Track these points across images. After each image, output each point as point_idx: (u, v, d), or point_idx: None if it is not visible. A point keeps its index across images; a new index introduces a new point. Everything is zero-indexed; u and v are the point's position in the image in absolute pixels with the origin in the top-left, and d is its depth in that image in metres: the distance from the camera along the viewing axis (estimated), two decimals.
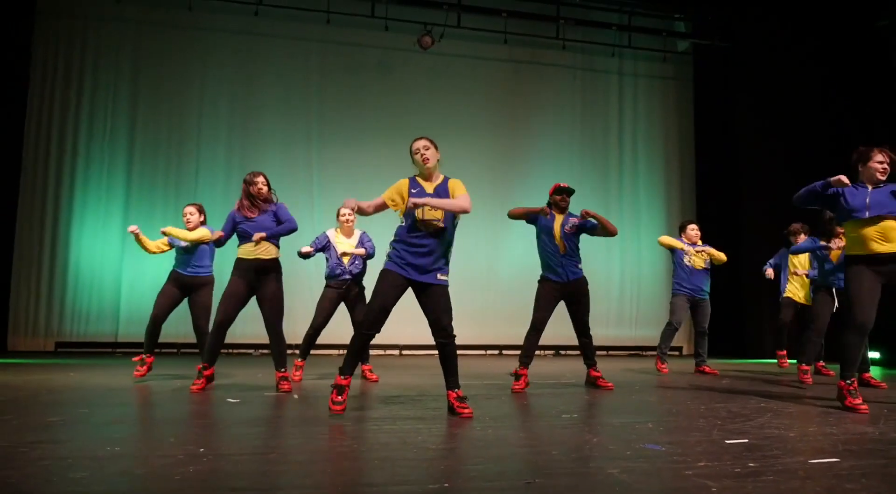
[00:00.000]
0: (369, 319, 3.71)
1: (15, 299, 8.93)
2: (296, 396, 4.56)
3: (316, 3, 9.50)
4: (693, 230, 6.72)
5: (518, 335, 9.99)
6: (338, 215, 5.77)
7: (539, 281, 5.33)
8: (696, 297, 6.56)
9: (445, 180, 3.89)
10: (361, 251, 5.65)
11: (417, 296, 3.80)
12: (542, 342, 10.07)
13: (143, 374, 5.36)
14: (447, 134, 10.38)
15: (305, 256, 5.56)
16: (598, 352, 8.48)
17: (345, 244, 5.64)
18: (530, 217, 5.31)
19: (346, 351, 3.82)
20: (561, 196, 5.34)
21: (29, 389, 4.68)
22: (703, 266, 6.59)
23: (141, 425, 3.50)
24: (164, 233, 5.28)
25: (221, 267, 5.91)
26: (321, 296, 5.64)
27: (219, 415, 3.79)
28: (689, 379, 6.12)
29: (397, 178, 3.98)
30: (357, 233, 5.78)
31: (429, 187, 3.84)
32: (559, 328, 10.28)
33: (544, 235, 5.25)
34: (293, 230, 4.91)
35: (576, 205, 5.53)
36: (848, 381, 4.14)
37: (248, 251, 4.82)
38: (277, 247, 4.94)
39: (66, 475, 2.25)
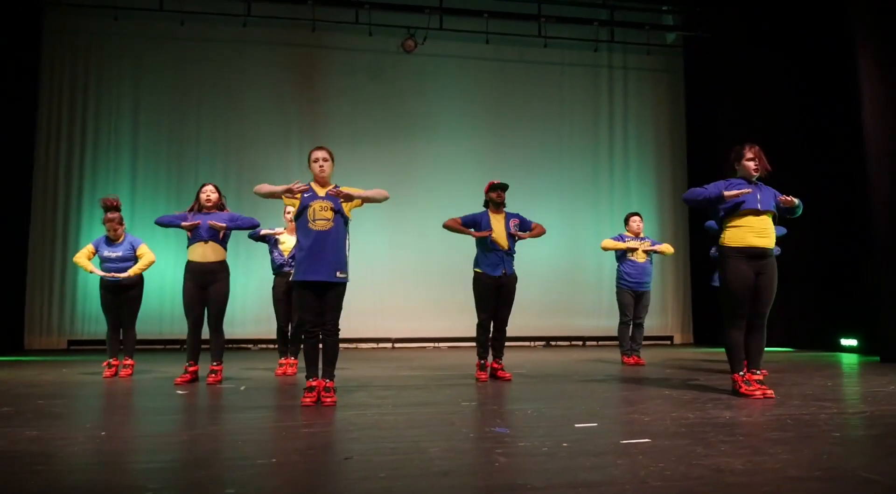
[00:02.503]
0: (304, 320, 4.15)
1: (30, 300, 9.59)
2: (242, 387, 4.97)
3: (301, 13, 9.90)
4: (636, 222, 6.90)
5: (510, 327, 10.50)
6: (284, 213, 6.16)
7: (475, 280, 5.52)
8: (640, 290, 6.75)
9: (336, 187, 4.23)
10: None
11: (318, 294, 4.13)
12: (533, 332, 10.67)
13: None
14: (437, 134, 10.77)
15: (260, 237, 6.00)
16: (588, 342, 8.57)
17: (289, 240, 6.02)
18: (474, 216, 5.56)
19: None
20: (497, 192, 5.54)
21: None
22: (645, 257, 6.78)
23: (56, 416, 3.95)
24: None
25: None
26: (274, 291, 6.06)
27: (161, 404, 4.23)
28: (647, 370, 6.33)
29: (387, 180, 4.40)
30: None
31: (321, 191, 4.20)
32: (550, 319, 10.72)
33: (488, 237, 5.45)
34: (255, 225, 5.49)
35: (578, 202, 5.82)
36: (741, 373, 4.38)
37: (198, 253, 5.27)
38: (225, 249, 5.37)
39: None
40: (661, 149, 11.44)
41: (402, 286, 10.32)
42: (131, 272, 5.81)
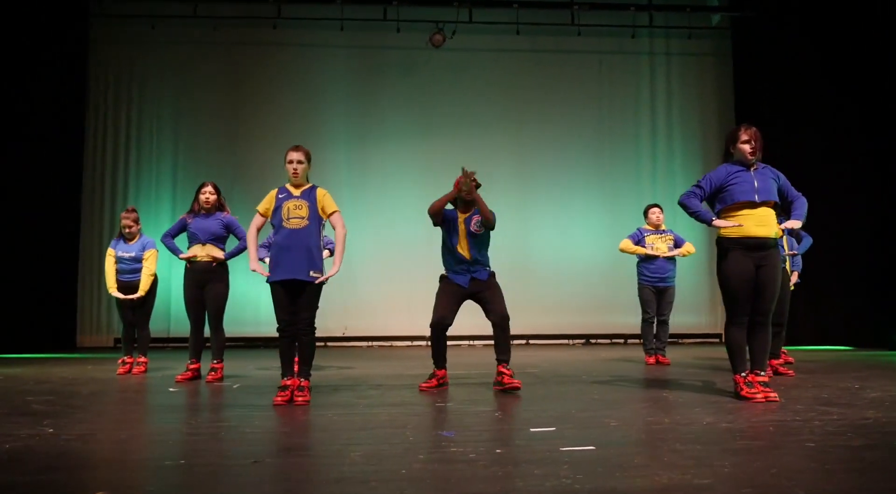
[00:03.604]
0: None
1: (81, 301, 10.03)
2: (235, 386, 4.98)
3: (330, 13, 9.93)
4: (655, 214, 6.53)
5: (546, 324, 10.26)
6: None
7: (440, 280, 4.84)
8: (662, 285, 6.37)
9: (313, 187, 4.18)
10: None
11: (292, 293, 4.07)
12: (572, 330, 10.35)
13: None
14: (470, 129, 10.60)
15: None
16: (629, 340, 7.96)
17: None
18: (444, 212, 4.75)
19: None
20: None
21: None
22: (667, 252, 6.39)
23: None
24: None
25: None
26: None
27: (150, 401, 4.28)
28: (666, 370, 6.00)
29: (427, 178, 4.30)
30: None
31: (296, 191, 4.14)
32: (590, 316, 10.36)
33: (448, 236, 4.77)
34: (241, 236, 5.33)
35: (620, 196, 5.58)
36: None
37: (195, 253, 5.35)
38: (223, 250, 5.42)
39: None
40: (709, 139, 10.85)
41: (434, 283, 10.19)
42: (141, 292, 5.94)
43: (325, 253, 5.92)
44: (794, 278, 5.84)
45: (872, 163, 8.72)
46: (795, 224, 4.09)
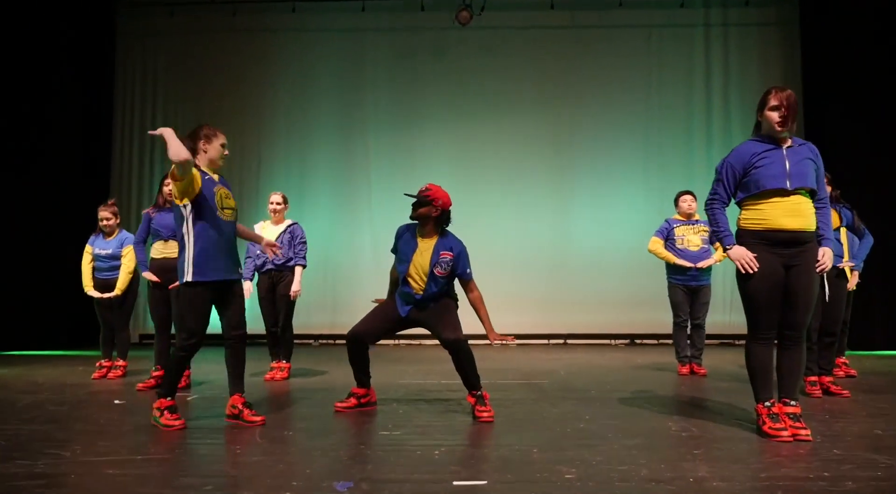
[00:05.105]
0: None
1: None
2: (189, 398, 4.48)
3: None
4: (686, 202, 5.62)
5: (587, 322, 9.39)
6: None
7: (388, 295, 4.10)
8: (694, 284, 5.47)
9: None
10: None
11: (221, 296, 3.52)
12: (614, 329, 9.43)
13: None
14: (504, 112, 9.83)
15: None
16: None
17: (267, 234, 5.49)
18: (397, 238, 3.98)
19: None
20: (415, 212, 3.83)
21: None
22: (701, 244, 5.47)
23: None
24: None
25: None
26: (258, 290, 5.57)
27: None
28: (695, 384, 5.14)
29: (459, 165, 3.82)
30: (286, 223, 5.60)
31: (216, 176, 3.67)
32: (634, 314, 9.41)
33: (399, 264, 3.91)
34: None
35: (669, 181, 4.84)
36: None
37: (158, 250, 4.92)
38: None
39: None
40: None
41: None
42: (117, 291, 5.53)
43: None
44: (854, 279, 4.85)
45: None
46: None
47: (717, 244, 5.49)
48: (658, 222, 9.19)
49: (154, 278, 4.90)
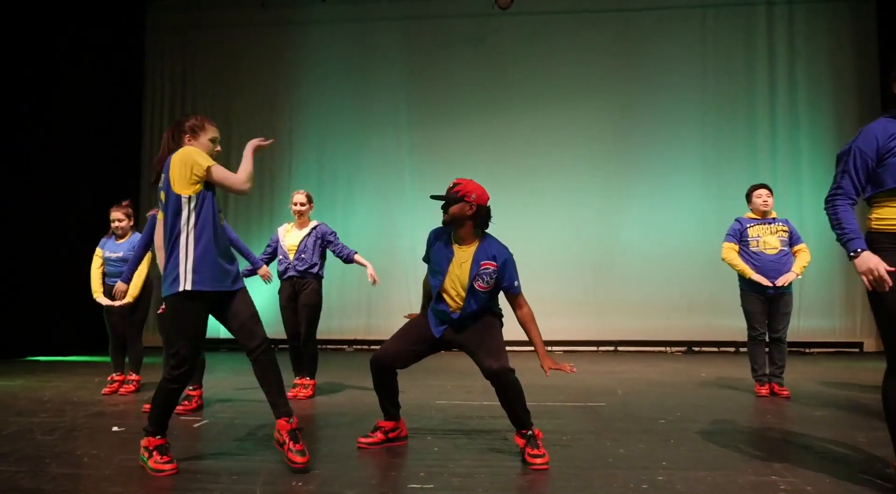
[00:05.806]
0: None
1: None
2: (196, 425, 3.99)
3: None
4: (761, 197, 4.86)
5: (640, 329, 8.68)
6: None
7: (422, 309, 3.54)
8: (773, 292, 4.73)
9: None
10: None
11: (222, 306, 3.01)
12: (669, 336, 8.69)
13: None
14: (547, 103, 9.17)
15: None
16: (741, 349, 6.10)
17: (290, 237, 5.02)
18: (430, 243, 3.37)
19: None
20: (446, 214, 3.21)
21: None
22: (779, 247, 4.74)
23: None
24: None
25: None
26: (280, 298, 5.08)
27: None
28: (778, 410, 4.45)
29: (499, 159, 3.40)
30: (311, 225, 5.09)
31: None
32: (692, 319, 8.66)
33: (433, 275, 3.32)
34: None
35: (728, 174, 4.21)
36: None
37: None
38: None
39: None
40: (843, 102, 8.84)
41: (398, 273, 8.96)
42: (129, 298, 5.05)
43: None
44: None
45: None
46: None
47: (798, 248, 4.81)
48: (714, 220, 8.26)
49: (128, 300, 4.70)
